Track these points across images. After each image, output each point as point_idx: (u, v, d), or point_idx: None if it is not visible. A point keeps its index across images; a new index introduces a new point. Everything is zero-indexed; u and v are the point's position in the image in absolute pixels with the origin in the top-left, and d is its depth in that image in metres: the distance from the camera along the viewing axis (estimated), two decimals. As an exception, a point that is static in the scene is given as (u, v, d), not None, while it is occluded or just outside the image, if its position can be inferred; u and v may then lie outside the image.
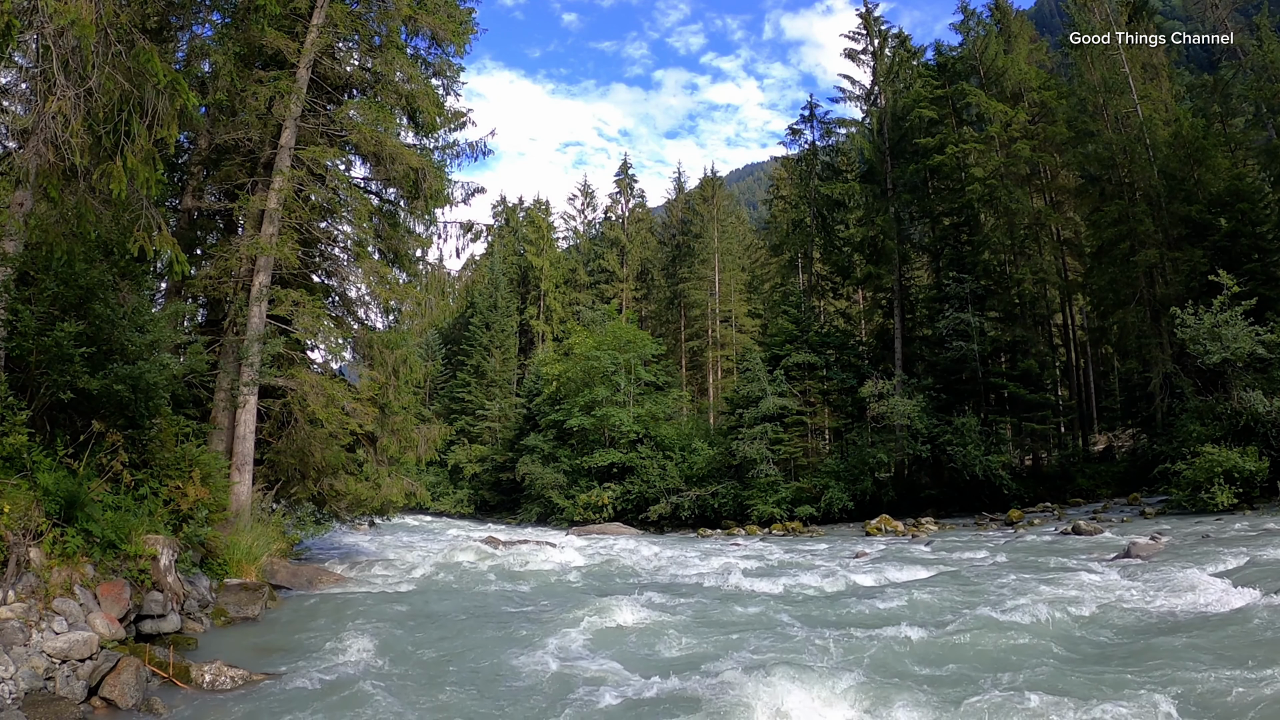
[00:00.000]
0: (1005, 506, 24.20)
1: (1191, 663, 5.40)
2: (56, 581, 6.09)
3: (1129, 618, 7.24)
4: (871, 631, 6.96)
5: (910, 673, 5.60)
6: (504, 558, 14.77)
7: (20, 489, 6.34)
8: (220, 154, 14.01)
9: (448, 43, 15.40)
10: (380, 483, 14.55)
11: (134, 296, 9.02)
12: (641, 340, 38.84)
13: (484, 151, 16.50)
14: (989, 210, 30.81)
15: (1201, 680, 5.04)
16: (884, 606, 8.32)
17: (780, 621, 8.13)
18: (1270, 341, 18.35)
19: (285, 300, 12.98)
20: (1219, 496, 16.76)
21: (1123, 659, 5.74)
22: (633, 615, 8.12)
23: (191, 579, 8.56)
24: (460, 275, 68.13)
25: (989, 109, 30.28)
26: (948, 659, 6.06)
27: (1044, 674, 5.21)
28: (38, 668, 5.24)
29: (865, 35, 34.98)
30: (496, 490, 46.03)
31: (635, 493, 33.35)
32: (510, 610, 9.11)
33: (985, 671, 5.23)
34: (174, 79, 7.84)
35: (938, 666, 5.78)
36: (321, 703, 5.36)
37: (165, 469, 9.08)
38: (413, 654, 7.00)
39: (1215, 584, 8.00)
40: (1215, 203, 22.47)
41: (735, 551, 17.38)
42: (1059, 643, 6.57)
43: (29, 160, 7.47)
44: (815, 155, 37.68)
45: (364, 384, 14.49)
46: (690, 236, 53.61)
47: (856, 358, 32.84)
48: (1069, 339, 33.61)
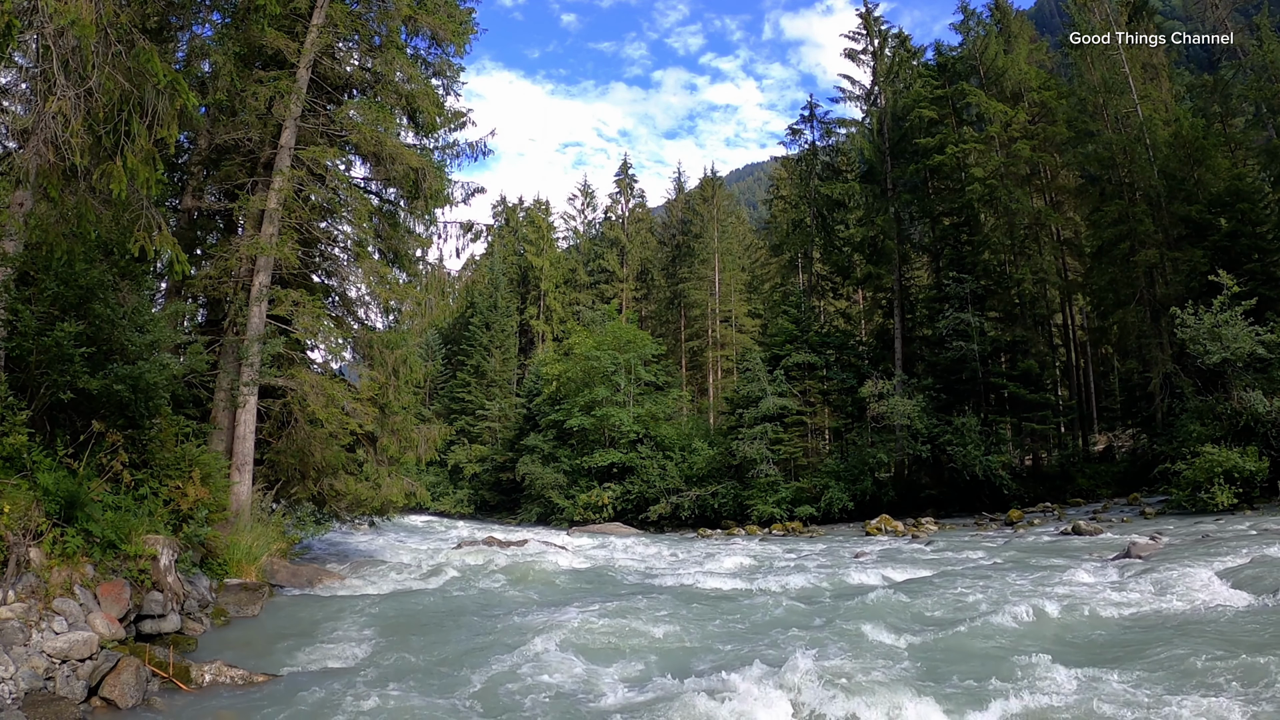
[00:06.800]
0: (1005, 506, 24.20)
1: (1191, 661, 5.40)
2: (56, 581, 6.09)
3: (1129, 617, 7.24)
4: (871, 631, 6.96)
5: (910, 672, 5.60)
6: (504, 558, 14.77)
7: (20, 489, 6.34)
8: (220, 154, 14.00)
9: (448, 43, 15.39)
10: (380, 483, 14.53)
11: (134, 296, 9.02)
12: (641, 340, 38.85)
13: (484, 151, 16.49)
14: (989, 210, 30.82)
15: (1201, 679, 5.04)
16: (884, 607, 8.31)
17: (780, 622, 8.13)
18: (1270, 341, 18.35)
19: (285, 300, 12.98)
20: (1219, 496, 16.75)
21: (1123, 658, 5.74)
22: (632, 616, 8.11)
23: (191, 579, 8.56)
24: (460, 275, 68.05)
25: (989, 109, 30.28)
26: (947, 659, 6.05)
27: (1044, 673, 5.21)
28: (38, 668, 5.24)
29: (865, 35, 34.98)
30: (496, 490, 46.02)
31: (635, 493, 33.35)
32: (510, 611, 9.10)
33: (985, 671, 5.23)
34: (174, 79, 7.84)
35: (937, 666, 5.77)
36: (321, 703, 5.36)
37: (165, 469, 9.08)
38: (412, 654, 7.00)
39: (1216, 584, 8.00)
40: (1215, 203, 22.47)
41: (735, 552, 17.37)
42: (1059, 642, 6.57)
43: (29, 160, 7.47)
44: (815, 155, 37.68)
45: (364, 384, 14.47)
46: (690, 236, 53.62)
47: (856, 358, 32.83)
48: (1069, 339, 33.61)
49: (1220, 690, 4.83)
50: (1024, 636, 6.67)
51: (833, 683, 5.13)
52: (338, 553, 16.27)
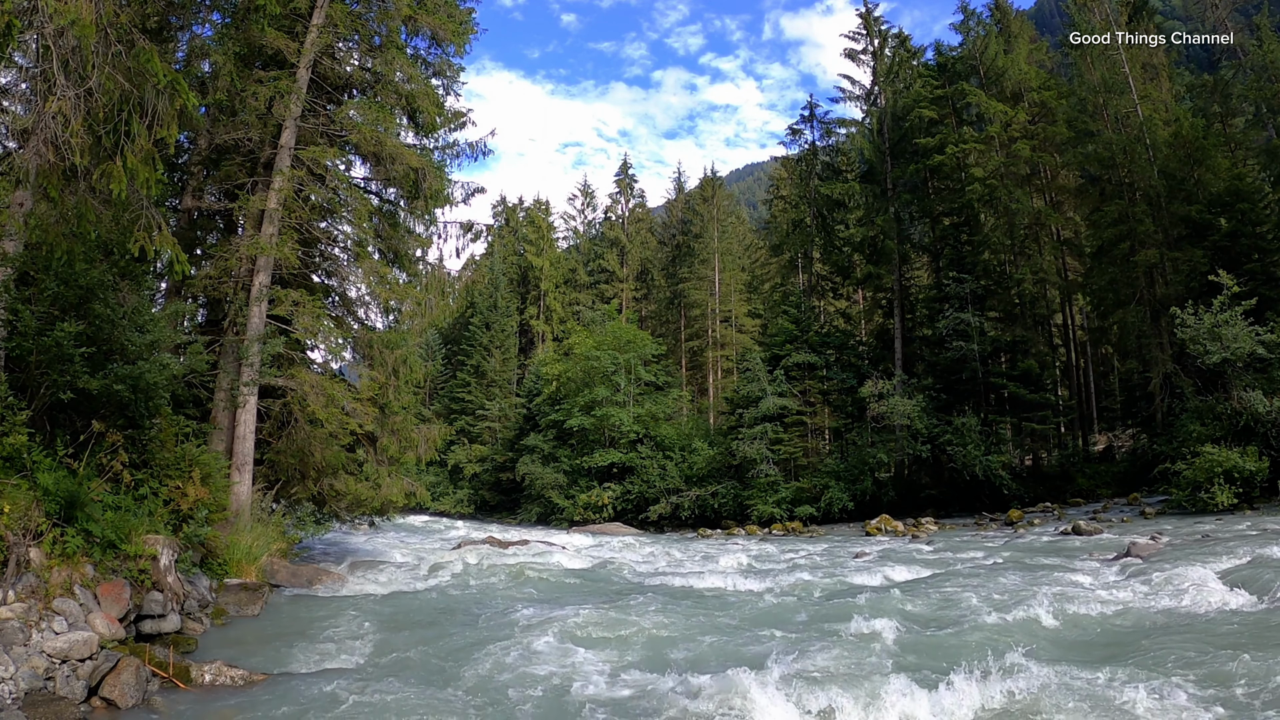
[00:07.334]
0: (1005, 506, 24.20)
1: (1191, 660, 5.40)
2: (56, 581, 6.09)
3: (1128, 616, 7.24)
4: (871, 632, 6.95)
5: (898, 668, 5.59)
6: (504, 558, 14.77)
7: (20, 489, 6.34)
8: (220, 154, 14.00)
9: (448, 43, 15.39)
10: (380, 483, 14.53)
11: (134, 296, 9.01)
12: (641, 340, 38.85)
13: (484, 151, 16.49)
14: (989, 210, 30.83)
15: (1201, 678, 5.04)
16: (884, 606, 8.30)
17: (776, 620, 8.13)
18: (1270, 341, 18.35)
19: (285, 300, 12.98)
20: (1219, 496, 16.76)
21: (1123, 657, 5.74)
22: (631, 616, 8.12)
23: (191, 579, 8.56)
24: (460, 275, 68.12)
25: (989, 109, 30.28)
26: (938, 657, 6.05)
27: (1044, 672, 5.20)
28: (38, 668, 5.24)
29: (865, 35, 35.00)
30: (496, 490, 46.03)
31: (635, 493, 33.35)
32: (510, 611, 9.10)
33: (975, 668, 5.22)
34: (174, 79, 7.84)
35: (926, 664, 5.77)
36: (321, 702, 5.36)
37: (165, 469, 9.08)
38: (412, 654, 7.00)
39: (1215, 583, 7.99)
40: (1215, 203, 22.47)
41: (735, 552, 17.37)
42: (1059, 641, 6.57)
43: (29, 160, 7.47)
44: (815, 155, 37.69)
45: (364, 384, 14.46)
46: (690, 236, 53.62)
47: (856, 358, 32.84)
48: (1069, 339, 33.61)
49: (1220, 688, 4.82)
50: (1021, 636, 6.66)
51: (819, 677, 5.14)
52: (337, 552, 16.27)
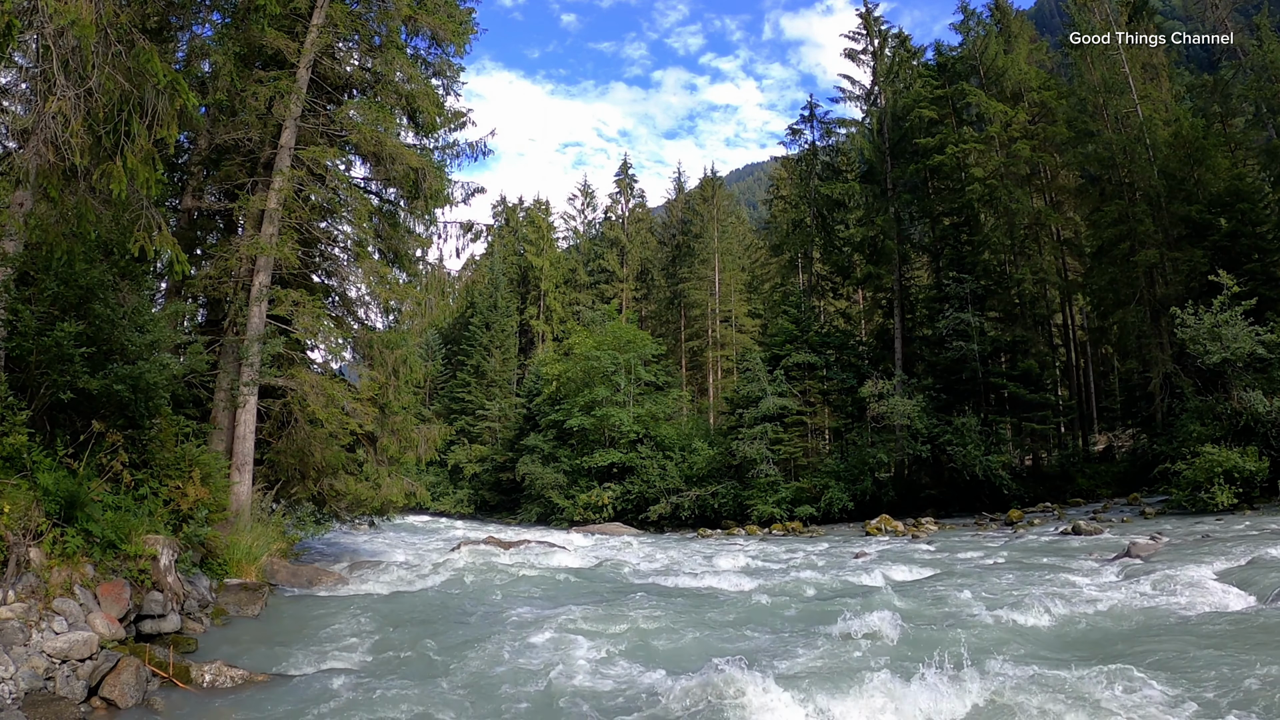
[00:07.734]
0: (1005, 506, 24.20)
1: (1190, 659, 5.40)
2: (56, 581, 6.09)
3: (1128, 616, 7.23)
4: (871, 631, 6.95)
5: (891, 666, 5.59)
6: (503, 558, 14.77)
7: (20, 489, 6.34)
8: (220, 154, 14.00)
9: (448, 43, 15.40)
10: (380, 483, 14.53)
11: (134, 296, 9.01)
12: (641, 340, 38.85)
13: (484, 151, 16.49)
14: (989, 210, 30.83)
15: (1201, 678, 5.04)
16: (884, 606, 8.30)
17: (775, 621, 8.13)
18: (1270, 341, 18.35)
19: (285, 300, 12.98)
20: (1219, 496, 16.76)
21: (1122, 657, 5.73)
22: (630, 616, 8.12)
23: (191, 579, 8.56)
24: (460, 275, 68.12)
25: (989, 109, 30.29)
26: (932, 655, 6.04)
27: (1043, 672, 5.20)
28: (38, 668, 5.24)
29: (865, 35, 35.00)
30: (496, 490, 46.02)
31: (635, 493, 33.35)
32: (509, 610, 9.10)
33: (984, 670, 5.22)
34: (174, 79, 7.84)
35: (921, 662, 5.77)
36: (321, 702, 5.36)
37: (165, 469, 9.08)
38: (411, 654, 7.00)
39: (1215, 583, 8.00)
40: (1215, 203, 22.47)
41: (734, 552, 17.37)
42: (1058, 641, 6.57)
43: (29, 160, 7.47)
44: (815, 155, 37.69)
45: (364, 384, 14.47)
46: (690, 236, 53.61)
47: (856, 358, 32.84)
48: (1069, 339, 33.61)
49: (1220, 688, 4.82)
50: (1024, 635, 6.66)
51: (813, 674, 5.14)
52: (337, 552, 16.28)
